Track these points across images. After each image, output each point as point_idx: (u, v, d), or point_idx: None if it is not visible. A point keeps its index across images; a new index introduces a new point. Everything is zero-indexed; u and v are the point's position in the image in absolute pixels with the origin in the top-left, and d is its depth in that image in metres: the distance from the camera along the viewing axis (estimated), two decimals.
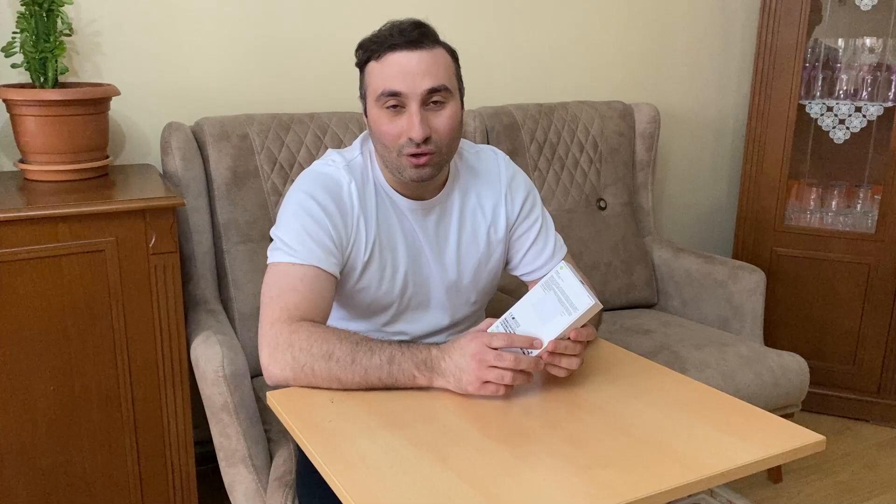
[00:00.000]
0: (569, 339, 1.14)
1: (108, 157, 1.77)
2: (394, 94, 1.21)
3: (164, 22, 1.93)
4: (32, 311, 1.47)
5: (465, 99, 1.33)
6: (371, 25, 1.29)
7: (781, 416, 2.00)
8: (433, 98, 1.23)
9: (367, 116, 1.30)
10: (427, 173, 1.26)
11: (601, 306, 1.14)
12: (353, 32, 1.31)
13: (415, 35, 1.21)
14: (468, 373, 1.12)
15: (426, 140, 1.22)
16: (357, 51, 1.28)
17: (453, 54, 1.28)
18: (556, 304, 1.14)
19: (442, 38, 1.27)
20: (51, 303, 1.48)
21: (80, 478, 1.58)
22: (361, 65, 1.28)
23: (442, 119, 1.24)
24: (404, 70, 1.21)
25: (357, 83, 1.31)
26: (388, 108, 1.23)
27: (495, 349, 1.11)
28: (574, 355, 1.15)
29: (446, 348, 1.15)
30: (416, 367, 1.14)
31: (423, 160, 1.24)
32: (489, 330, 1.17)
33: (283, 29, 2.07)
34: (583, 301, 1.12)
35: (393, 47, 1.21)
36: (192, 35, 1.97)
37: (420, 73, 1.21)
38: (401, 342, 1.18)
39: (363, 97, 1.30)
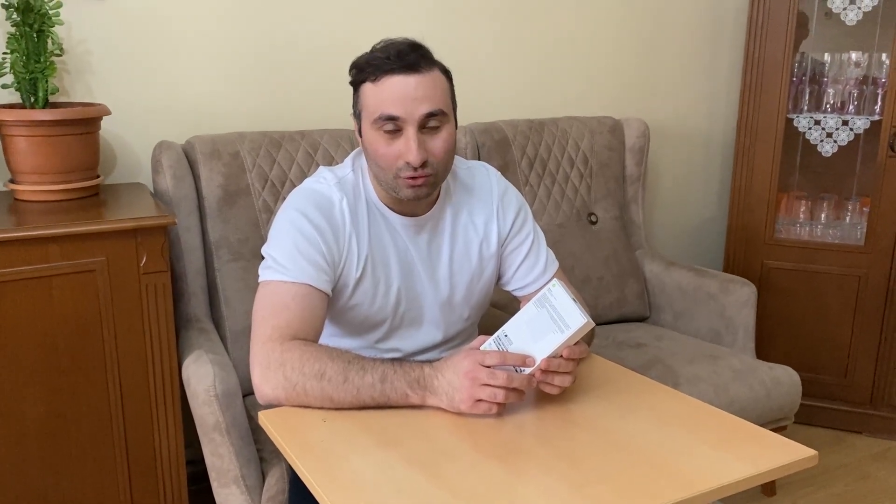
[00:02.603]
0: (561, 356, 1.14)
1: (98, 176, 1.77)
2: (391, 119, 1.22)
3: (154, 41, 1.93)
4: (23, 331, 1.46)
5: (456, 115, 1.34)
6: (363, 43, 1.30)
7: (775, 428, 2.01)
8: (430, 122, 1.23)
9: (360, 135, 1.30)
10: (424, 193, 1.27)
11: (593, 324, 1.15)
12: (345, 50, 1.32)
13: (412, 58, 1.22)
14: (460, 391, 1.11)
15: (424, 164, 1.23)
16: (351, 70, 1.28)
17: (447, 74, 1.29)
18: (548, 321, 1.14)
19: (435, 56, 1.28)
20: (41, 323, 1.48)
21: (71, 498, 1.56)
22: (356, 84, 1.28)
23: (438, 142, 1.25)
24: (401, 95, 1.21)
25: (349, 101, 1.32)
26: (385, 131, 1.23)
27: (488, 367, 1.11)
28: (567, 373, 1.15)
29: (439, 366, 1.15)
30: (409, 385, 1.14)
31: (420, 181, 1.24)
32: (482, 347, 1.17)
33: (273, 47, 2.08)
34: (575, 319, 1.12)
35: (390, 71, 1.21)
36: (183, 54, 1.97)
37: (417, 98, 1.21)
38: (393, 360, 1.17)
39: (357, 116, 1.30)
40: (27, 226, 1.46)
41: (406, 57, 1.22)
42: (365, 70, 1.25)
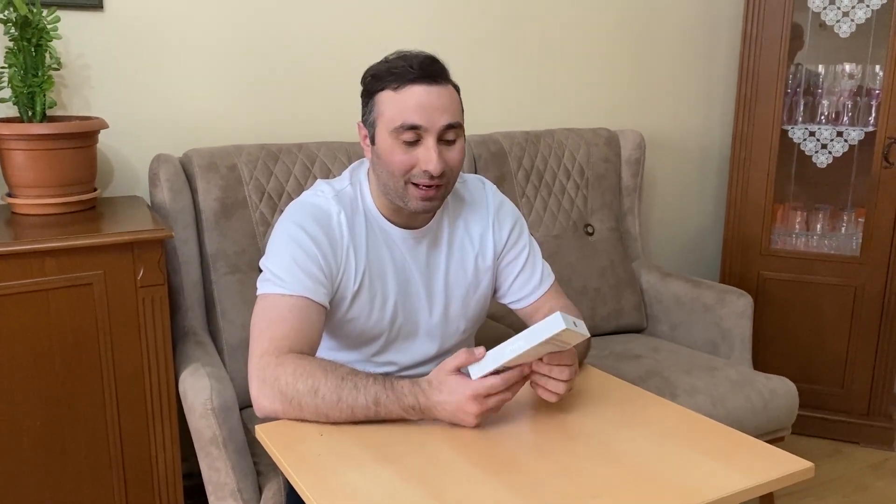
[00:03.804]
0: (551, 362, 1.14)
1: (96, 189, 1.77)
2: (413, 128, 1.22)
3: (152, 55, 1.94)
4: (19, 345, 1.46)
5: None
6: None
7: (772, 439, 2.01)
8: (448, 134, 1.24)
9: (372, 142, 1.29)
10: (434, 205, 1.28)
11: (566, 326, 1.10)
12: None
13: (435, 69, 1.24)
14: (461, 416, 1.12)
15: (441, 173, 1.24)
16: (366, 77, 1.28)
17: (458, 91, 1.30)
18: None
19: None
20: (38, 337, 1.47)
21: None
22: (371, 92, 1.28)
23: (454, 153, 1.26)
24: (424, 104, 1.22)
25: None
26: (403, 139, 1.23)
27: (486, 385, 1.11)
28: (560, 380, 1.15)
29: (435, 393, 1.13)
30: (404, 410, 1.14)
31: (432, 192, 1.25)
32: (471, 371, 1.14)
33: (271, 60, 2.08)
34: (557, 324, 1.08)
35: (413, 80, 1.22)
36: (180, 68, 1.98)
37: (439, 109, 1.22)
38: (385, 378, 1.16)
39: (370, 124, 1.29)
40: (24, 239, 1.46)
41: (429, 68, 1.23)
42: (385, 78, 1.24)
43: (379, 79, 1.26)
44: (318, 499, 0.97)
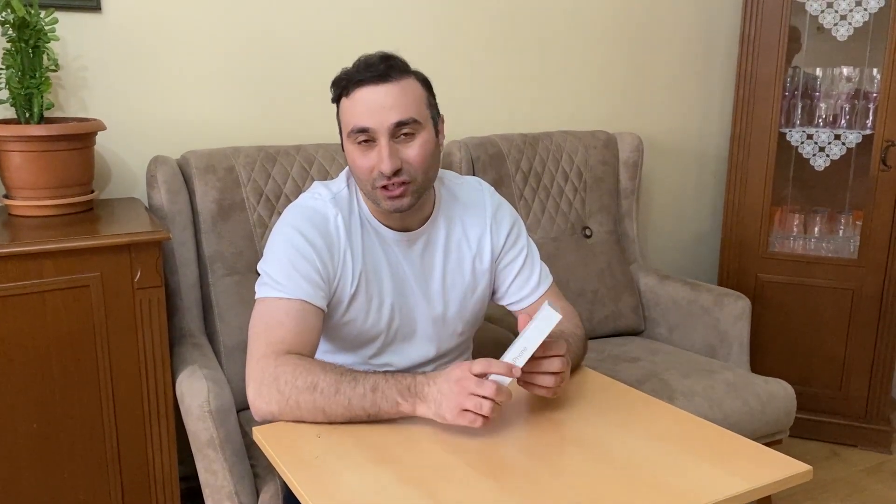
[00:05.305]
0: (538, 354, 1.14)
1: (93, 191, 1.77)
2: (363, 130, 1.23)
3: (149, 57, 1.94)
4: (16, 347, 1.46)
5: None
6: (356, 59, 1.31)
7: (770, 442, 2.01)
8: (402, 130, 1.24)
9: (344, 151, 1.31)
10: (405, 203, 1.26)
11: (559, 316, 1.13)
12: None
13: (381, 69, 1.23)
14: (449, 398, 1.10)
15: (397, 172, 1.23)
16: (331, 88, 1.29)
17: (425, 82, 1.29)
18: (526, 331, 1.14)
19: (421, 68, 1.29)
20: (35, 339, 1.47)
21: None
22: (335, 101, 1.29)
23: (413, 150, 1.25)
24: (371, 105, 1.22)
25: None
26: (359, 143, 1.24)
27: (477, 376, 1.10)
28: (551, 373, 1.15)
29: (433, 375, 1.15)
30: (400, 393, 1.13)
31: (397, 191, 1.24)
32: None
33: (268, 62, 2.08)
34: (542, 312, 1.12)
35: (360, 83, 1.23)
36: (178, 69, 1.98)
37: (387, 107, 1.22)
38: (385, 372, 1.17)
39: (340, 133, 1.31)
40: (21, 241, 1.46)
41: (375, 67, 1.23)
42: (339, 85, 1.26)
43: (337, 87, 1.27)
44: (315, 501, 0.97)
